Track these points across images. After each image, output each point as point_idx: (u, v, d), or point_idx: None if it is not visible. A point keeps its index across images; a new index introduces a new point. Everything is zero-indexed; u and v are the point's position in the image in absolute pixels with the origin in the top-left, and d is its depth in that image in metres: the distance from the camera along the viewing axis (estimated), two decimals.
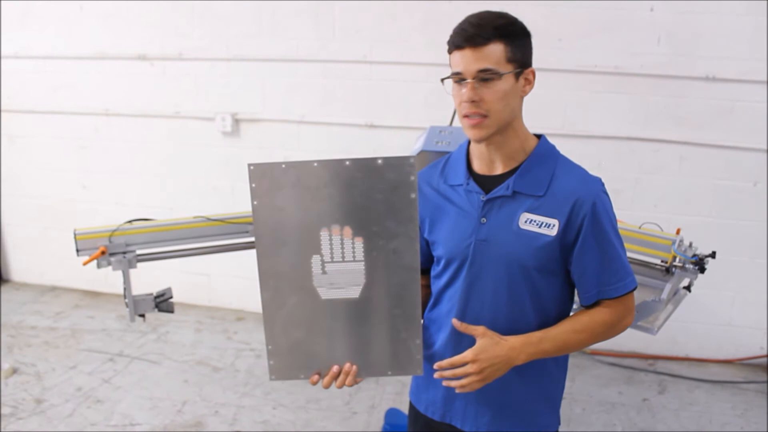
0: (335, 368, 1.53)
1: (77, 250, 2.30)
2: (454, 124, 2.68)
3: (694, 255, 2.19)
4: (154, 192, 4.40)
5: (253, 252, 2.56)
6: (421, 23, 3.75)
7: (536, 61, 1.55)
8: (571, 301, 1.64)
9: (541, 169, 1.53)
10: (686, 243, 2.25)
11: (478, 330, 1.50)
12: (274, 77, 4.05)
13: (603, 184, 1.54)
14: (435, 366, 1.51)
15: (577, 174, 1.54)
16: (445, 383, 1.51)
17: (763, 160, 3.57)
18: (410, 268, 1.47)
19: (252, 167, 1.42)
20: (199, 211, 2.54)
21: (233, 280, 4.42)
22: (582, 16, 3.58)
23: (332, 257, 1.46)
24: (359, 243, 1.45)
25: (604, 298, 1.54)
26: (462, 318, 1.57)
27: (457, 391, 1.49)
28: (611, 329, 1.56)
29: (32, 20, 4.28)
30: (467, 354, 1.47)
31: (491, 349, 1.47)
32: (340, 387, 1.54)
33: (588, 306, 1.57)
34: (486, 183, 1.56)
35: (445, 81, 1.53)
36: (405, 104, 3.90)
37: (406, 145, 3.27)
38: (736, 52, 3.46)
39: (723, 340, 3.91)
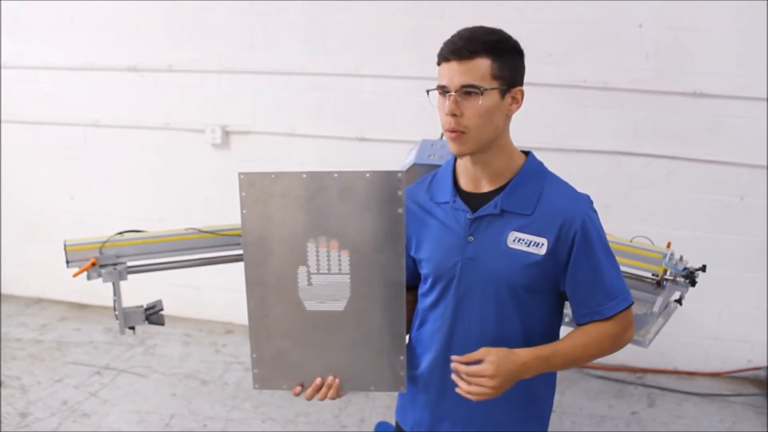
0: (318, 380, 1.52)
1: (67, 262, 2.28)
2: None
3: (685, 268, 2.20)
4: (142, 204, 4.37)
5: (242, 265, 2.55)
6: (412, 38, 3.77)
7: (526, 76, 1.53)
8: (560, 320, 1.63)
9: (529, 187, 1.51)
10: (677, 256, 2.26)
11: (479, 354, 1.43)
12: (265, 90, 4.05)
13: (591, 202, 1.53)
14: (453, 358, 1.44)
15: (566, 192, 1.53)
16: (453, 376, 1.44)
17: (749, 174, 3.61)
18: (396, 284, 1.47)
19: (242, 176, 1.44)
20: (188, 224, 2.53)
21: (222, 292, 4.39)
22: (571, 32, 3.62)
23: (318, 269, 1.46)
24: (345, 256, 1.45)
25: (597, 318, 1.51)
26: (450, 337, 1.56)
27: (464, 395, 1.43)
28: (616, 343, 1.54)
29: (22, 30, 4.27)
30: (488, 368, 1.40)
31: (507, 364, 1.42)
32: (322, 399, 1.53)
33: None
34: (473, 201, 1.54)
35: (431, 93, 1.52)
36: (396, 118, 3.91)
37: (396, 158, 3.27)
38: (723, 68, 3.51)
39: (711, 353, 3.92)
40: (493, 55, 1.43)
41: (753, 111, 3.53)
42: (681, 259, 2.27)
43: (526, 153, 1.58)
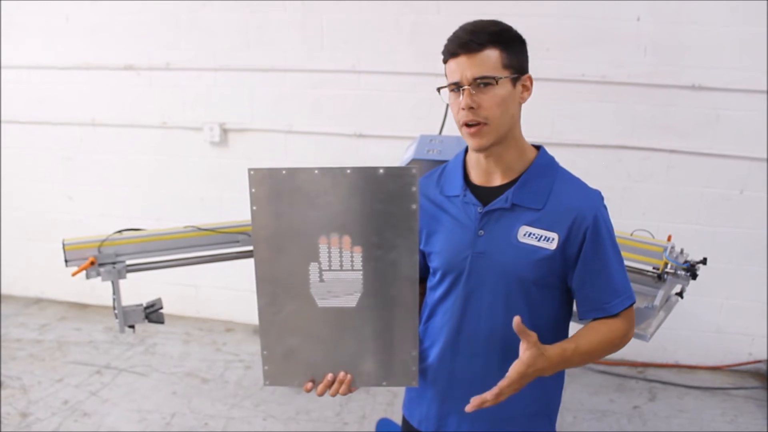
0: (329, 376, 1.51)
1: (66, 261, 2.27)
2: (443, 133, 2.68)
3: (686, 261, 2.19)
4: (140, 203, 4.36)
5: (241, 263, 2.55)
6: (408, 34, 3.76)
7: None
8: (569, 315, 1.62)
9: (541, 181, 1.51)
10: (677, 250, 2.25)
11: (531, 338, 1.36)
12: (262, 87, 4.04)
13: (602, 198, 1.52)
14: (475, 399, 1.36)
15: (577, 187, 1.53)
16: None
17: (749, 167, 3.61)
18: (409, 280, 1.45)
19: (252, 172, 1.41)
20: (186, 222, 2.52)
21: (221, 291, 4.39)
22: (569, 27, 3.61)
23: (330, 265, 1.45)
24: (358, 252, 1.44)
25: (602, 315, 1.51)
26: (458, 332, 1.55)
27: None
28: (623, 340, 1.53)
29: (17, 31, 4.25)
30: (514, 374, 1.35)
31: (536, 362, 1.37)
32: (334, 395, 1.52)
33: (590, 320, 1.54)
34: (483, 194, 1.53)
35: (442, 91, 1.51)
36: (393, 114, 3.91)
37: (394, 154, 3.27)
38: (721, 61, 3.50)
39: (711, 346, 3.93)
40: (500, 45, 1.43)
41: (752, 104, 3.53)
42: (682, 252, 2.26)
43: (537, 147, 1.58)
